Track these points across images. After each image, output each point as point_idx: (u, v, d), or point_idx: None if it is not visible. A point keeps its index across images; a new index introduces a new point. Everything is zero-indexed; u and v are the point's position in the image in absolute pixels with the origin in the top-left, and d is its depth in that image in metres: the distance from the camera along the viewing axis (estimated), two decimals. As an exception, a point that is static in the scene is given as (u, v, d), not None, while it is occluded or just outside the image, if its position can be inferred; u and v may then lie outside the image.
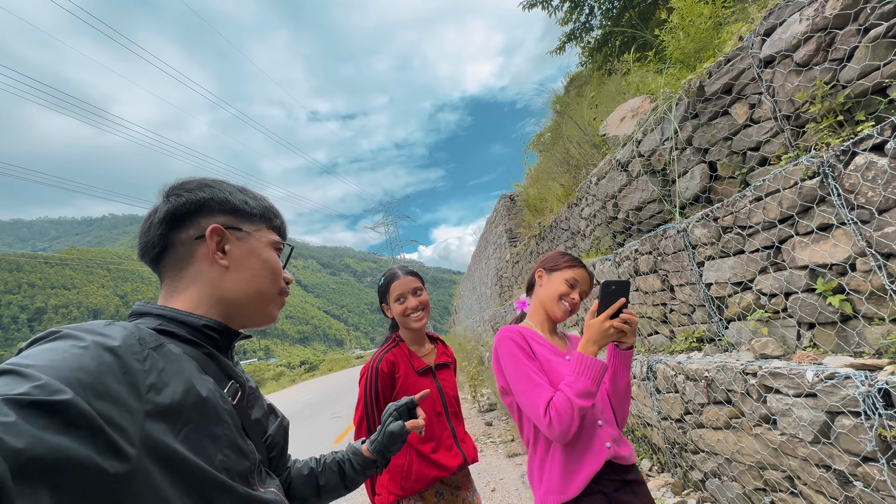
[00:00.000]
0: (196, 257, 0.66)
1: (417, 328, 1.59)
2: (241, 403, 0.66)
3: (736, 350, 2.52)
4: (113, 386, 0.45)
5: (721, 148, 2.75)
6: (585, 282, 1.34)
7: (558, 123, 8.11)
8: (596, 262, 4.16)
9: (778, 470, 2.07)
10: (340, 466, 0.90)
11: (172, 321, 0.62)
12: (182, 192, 0.68)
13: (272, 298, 0.73)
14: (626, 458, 1.19)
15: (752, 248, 2.33)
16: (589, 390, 1.12)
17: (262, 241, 0.72)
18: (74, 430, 0.39)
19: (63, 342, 0.46)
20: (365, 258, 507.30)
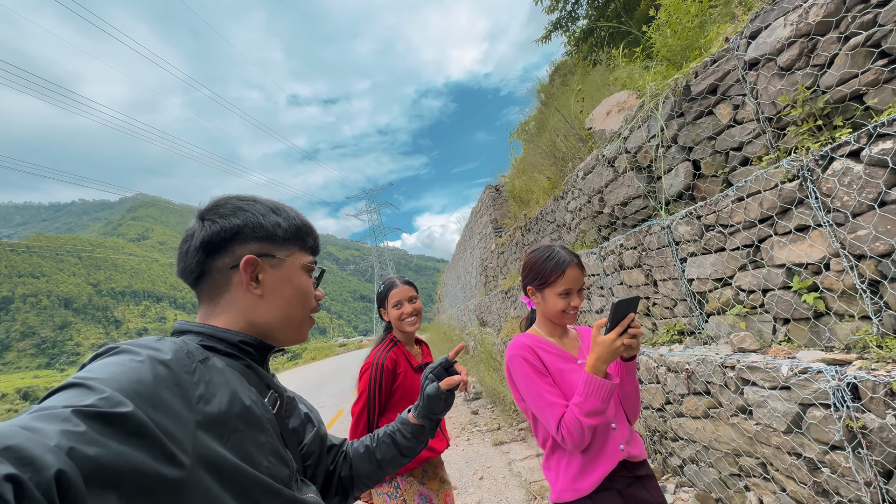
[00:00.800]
0: (232, 284, 0.69)
1: (411, 331, 1.81)
2: (279, 413, 0.69)
3: (715, 343, 2.64)
4: (167, 397, 0.49)
5: (705, 147, 2.82)
6: (578, 279, 1.29)
7: (543, 113, 8.13)
8: (581, 255, 4.24)
9: (752, 457, 2.19)
10: (393, 438, 0.93)
11: (211, 338, 0.65)
12: (216, 217, 0.69)
13: (303, 322, 0.76)
14: (638, 455, 1.25)
15: (733, 245, 2.42)
16: (598, 409, 1.14)
17: (295, 267, 0.74)
18: (136, 439, 0.42)
19: (122, 357, 0.50)
20: (347, 246, 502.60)
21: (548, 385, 1.24)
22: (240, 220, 0.70)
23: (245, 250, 0.69)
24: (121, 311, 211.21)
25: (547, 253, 1.34)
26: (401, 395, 1.71)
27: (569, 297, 1.31)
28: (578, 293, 1.32)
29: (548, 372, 1.29)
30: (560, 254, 1.32)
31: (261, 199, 0.75)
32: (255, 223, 0.71)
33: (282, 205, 0.76)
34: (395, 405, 1.71)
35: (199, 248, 0.68)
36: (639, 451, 1.26)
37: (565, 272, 1.29)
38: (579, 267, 1.31)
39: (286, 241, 0.74)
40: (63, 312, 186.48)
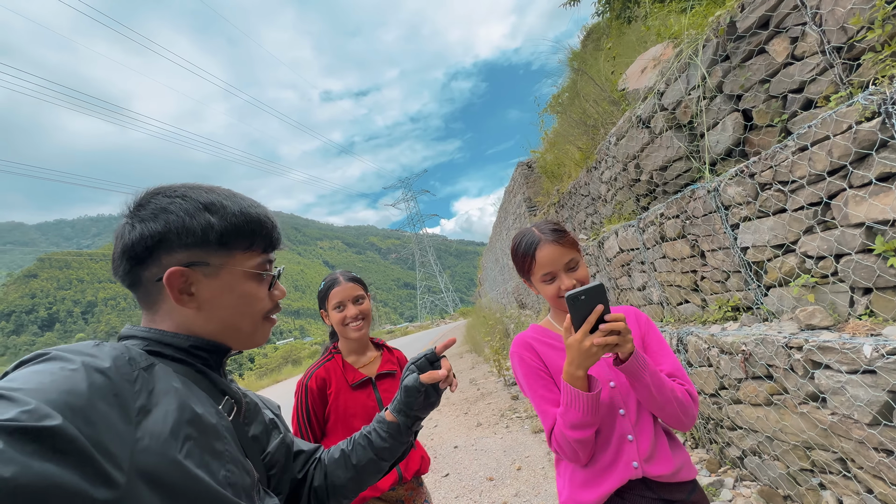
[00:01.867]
0: (164, 296, 0.61)
1: (356, 338, 1.50)
2: (237, 420, 0.64)
3: (777, 319, 2.28)
4: (103, 409, 0.44)
5: (757, 93, 2.41)
6: (555, 257, 1.08)
7: (575, 82, 7.60)
8: (619, 228, 3.90)
9: (828, 451, 1.87)
10: (368, 438, 0.84)
11: (158, 343, 0.60)
12: (136, 221, 0.61)
13: (255, 329, 0.68)
14: (665, 476, 1.01)
15: (796, 205, 2.05)
16: (582, 422, 0.95)
17: (236, 274, 0.64)
18: (63, 457, 0.38)
19: (52, 364, 0.45)
20: (388, 235, 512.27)
21: (545, 388, 1.07)
22: (160, 226, 0.60)
23: (171, 260, 0.60)
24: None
25: (518, 239, 1.15)
26: (335, 420, 1.42)
27: (555, 280, 1.09)
28: (568, 272, 1.08)
29: (548, 371, 1.10)
30: (529, 235, 1.12)
31: (192, 194, 0.63)
32: (180, 227, 0.60)
33: (219, 199, 0.64)
34: (332, 432, 1.42)
35: (123, 257, 0.61)
36: (668, 471, 1.00)
37: (535, 255, 1.09)
38: (556, 243, 1.08)
39: (223, 245, 0.63)
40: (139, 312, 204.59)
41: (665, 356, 1.09)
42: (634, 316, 1.16)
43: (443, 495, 3.30)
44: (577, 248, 1.11)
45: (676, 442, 1.08)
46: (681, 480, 1.02)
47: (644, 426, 1.04)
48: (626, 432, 1.03)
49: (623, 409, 1.05)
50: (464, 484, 3.42)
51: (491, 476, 3.43)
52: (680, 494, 1.01)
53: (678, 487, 1.02)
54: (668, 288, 3.32)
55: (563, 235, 1.10)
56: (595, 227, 5.19)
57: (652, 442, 1.02)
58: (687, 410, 0.99)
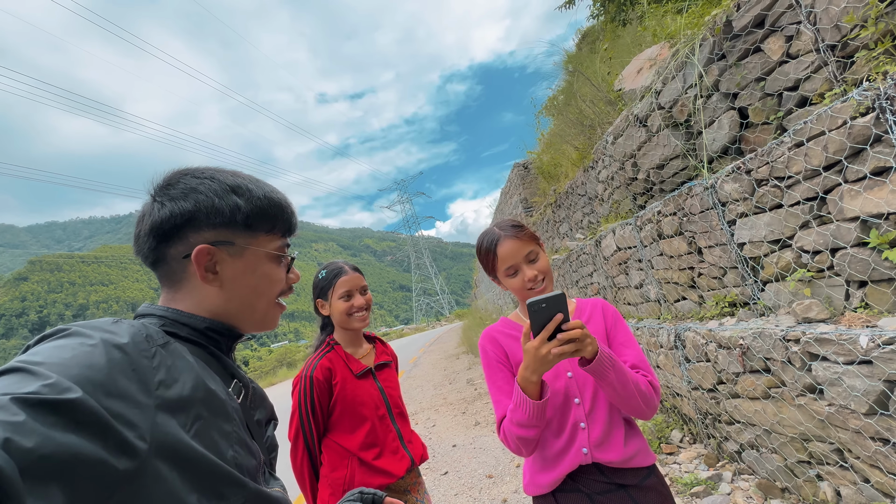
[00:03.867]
0: (189, 273, 0.63)
1: (360, 328, 1.49)
2: (245, 403, 0.65)
3: (774, 314, 2.31)
4: (123, 383, 0.45)
5: (753, 91, 2.45)
6: (515, 251, 1.11)
7: (571, 84, 7.65)
8: (616, 227, 3.93)
9: (825, 442, 1.90)
10: None
11: (175, 322, 0.61)
12: (166, 199, 0.62)
13: (268, 311, 0.70)
14: (616, 462, 1.03)
15: (792, 200, 2.08)
16: (527, 423, 0.98)
17: (258, 255, 0.67)
18: (84, 428, 0.39)
19: (72, 339, 0.46)
20: (384, 237, 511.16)
21: (503, 379, 1.12)
22: (191, 205, 0.62)
23: (199, 238, 0.62)
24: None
25: (481, 239, 1.19)
26: (342, 410, 1.40)
27: (518, 273, 1.12)
28: (529, 264, 1.11)
29: (509, 363, 1.14)
30: (490, 234, 1.16)
31: (220, 176, 0.65)
32: (210, 207, 0.62)
33: (245, 182, 0.67)
34: (338, 423, 1.40)
35: (150, 235, 0.62)
36: (617, 458, 1.03)
37: (496, 251, 1.12)
38: (514, 237, 1.11)
39: (248, 226, 0.65)
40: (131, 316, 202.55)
41: (629, 347, 1.12)
42: (601, 309, 1.18)
43: (442, 493, 3.30)
44: (537, 241, 1.15)
45: (634, 430, 1.10)
46: (634, 466, 1.05)
47: (598, 415, 1.06)
48: (580, 420, 1.06)
49: (578, 398, 1.08)
50: (463, 482, 3.42)
51: (490, 474, 3.43)
52: (633, 479, 1.04)
53: (631, 473, 1.04)
54: (665, 285, 3.35)
55: (521, 230, 1.13)
56: (592, 226, 5.23)
57: (605, 430, 1.05)
58: (649, 402, 1.02)
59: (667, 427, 3.27)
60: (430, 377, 9.24)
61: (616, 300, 4.34)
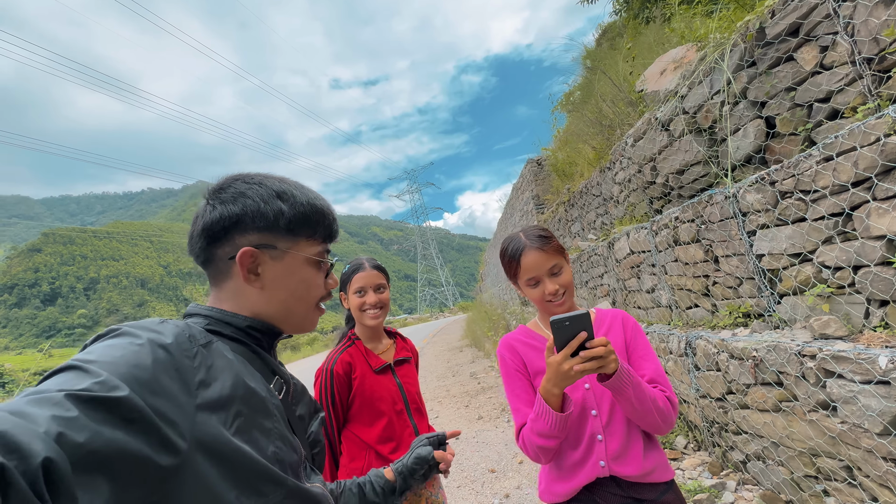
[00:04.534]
0: (233, 274, 0.67)
1: (373, 325, 1.51)
2: (286, 399, 0.67)
3: (789, 328, 2.30)
4: (166, 382, 0.47)
5: (782, 100, 2.41)
6: (539, 263, 1.11)
7: (589, 80, 7.55)
8: (630, 230, 3.90)
9: (835, 459, 1.90)
10: (361, 488, 0.86)
11: (219, 322, 0.64)
12: (217, 203, 0.66)
13: (307, 314, 0.73)
14: (634, 476, 1.03)
15: (817, 215, 2.06)
16: (548, 434, 1.00)
17: (298, 259, 0.70)
18: (130, 425, 0.41)
19: (122, 339, 0.49)
20: (391, 226, 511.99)
21: (521, 388, 1.14)
22: (238, 209, 0.66)
23: (244, 241, 0.66)
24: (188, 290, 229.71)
25: (506, 244, 1.19)
26: (360, 404, 1.43)
27: (539, 284, 1.12)
28: (551, 277, 1.11)
29: (527, 372, 1.15)
30: (515, 242, 1.16)
31: (268, 182, 0.69)
32: (255, 211, 0.66)
33: (290, 188, 0.70)
34: (356, 416, 1.43)
35: (201, 235, 0.66)
36: (636, 472, 1.03)
37: (520, 261, 1.13)
38: (540, 249, 1.11)
39: (290, 231, 0.69)
40: (140, 292, 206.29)
41: (648, 361, 1.11)
42: (622, 320, 1.18)
43: (444, 485, 3.36)
44: (562, 254, 1.15)
45: (653, 444, 1.09)
46: (652, 481, 1.04)
47: (616, 427, 1.06)
48: (597, 432, 1.07)
49: (595, 410, 1.08)
50: (465, 475, 3.47)
51: (493, 468, 3.48)
52: (651, 494, 1.04)
53: (649, 488, 1.04)
54: (678, 291, 3.34)
55: (547, 242, 1.12)
56: (605, 227, 5.20)
57: (623, 443, 1.05)
58: (666, 417, 1.02)
59: (671, 433, 3.28)
60: (434, 368, 9.32)
61: (626, 303, 4.33)
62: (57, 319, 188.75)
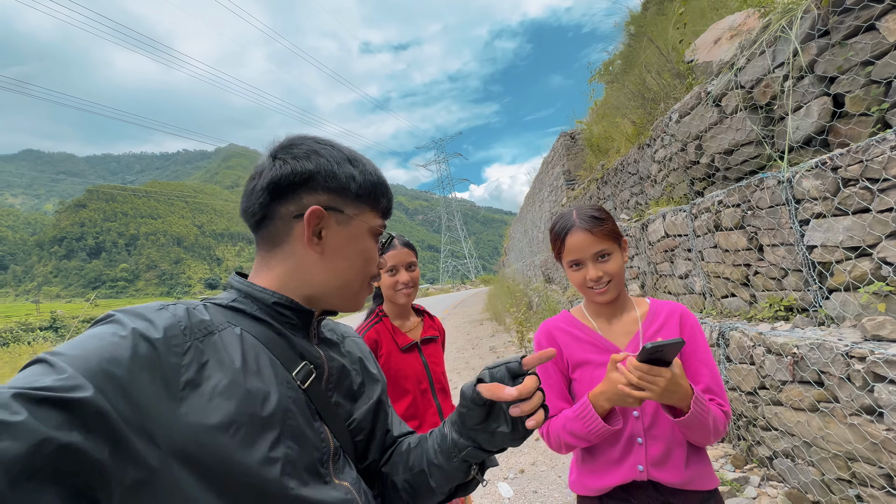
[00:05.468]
0: (292, 236, 0.62)
1: (404, 304, 1.50)
2: (316, 386, 0.62)
3: (836, 325, 2.16)
4: (144, 382, 0.43)
5: (856, 76, 2.16)
6: (584, 245, 1.02)
7: (632, 48, 7.08)
8: (667, 212, 3.72)
9: (874, 465, 1.81)
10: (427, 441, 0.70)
11: (248, 297, 0.61)
12: (288, 158, 0.62)
13: (360, 290, 0.68)
14: (675, 483, 0.97)
15: (883, 206, 1.87)
16: (583, 437, 0.97)
17: (362, 228, 0.66)
18: (91, 429, 0.38)
19: (106, 328, 0.46)
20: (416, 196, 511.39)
21: (554, 379, 1.09)
22: (313, 166, 0.62)
23: (312, 200, 0.62)
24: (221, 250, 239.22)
25: (556, 219, 1.11)
26: None
27: (581, 268, 1.05)
28: (596, 262, 1.03)
29: (563, 363, 1.10)
30: (565, 219, 1.07)
31: (339, 146, 0.66)
32: (329, 171, 0.63)
33: (360, 155, 0.68)
34: None
35: (266, 189, 0.61)
36: (677, 480, 0.97)
37: (565, 239, 1.05)
38: (588, 231, 1.02)
39: (358, 197, 0.65)
40: (176, 250, 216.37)
41: (706, 367, 1.02)
42: (679, 317, 1.07)
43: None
44: (616, 240, 1.05)
45: (698, 451, 1.02)
46: (694, 489, 0.98)
47: (659, 432, 1.00)
48: (637, 434, 1.01)
49: (637, 411, 1.01)
50: (481, 446, 3.54)
51: (509, 443, 3.53)
52: (690, 502, 0.98)
53: (690, 495, 0.99)
54: (713, 279, 3.18)
55: (599, 224, 1.03)
56: (639, 207, 4.99)
57: (665, 449, 0.99)
58: (719, 432, 0.95)
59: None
60: (454, 340, 9.45)
61: (656, 288, 4.19)
62: (101, 272, 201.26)
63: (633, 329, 1.08)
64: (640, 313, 1.10)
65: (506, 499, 2.73)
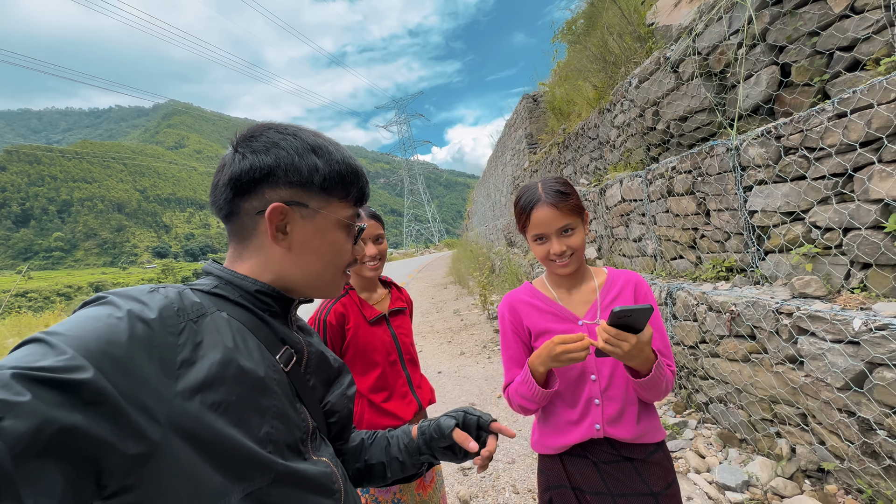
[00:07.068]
0: (259, 231, 0.62)
1: (371, 277, 1.48)
2: (296, 369, 0.65)
3: (769, 284, 2.36)
4: (142, 361, 0.44)
5: (802, 46, 2.25)
6: (549, 220, 1.04)
7: (595, 7, 6.97)
8: (624, 177, 3.83)
9: (792, 406, 2.04)
10: (388, 441, 0.82)
11: (229, 284, 0.61)
12: (248, 151, 0.61)
13: (334, 280, 0.69)
14: (627, 438, 1.06)
15: (818, 174, 2.01)
16: (531, 399, 1.05)
17: (330, 220, 0.65)
18: (92, 409, 0.39)
19: (101, 310, 0.46)
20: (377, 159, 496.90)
21: (515, 349, 1.15)
22: (272, 160, 0.61)
23: (275, 195, 0.61)
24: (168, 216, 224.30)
25: (521, 192, 1.12)
26: (353, 354, 1.40)
27: (545, 241, 1.07)
28: (560, 237, 1.06)
29: (525, 332, 1.15)
30: (530, 192, 1.09)
31: (302, 134, 0.64)
32: (290, 165, 0.61)
33: (326, 144, 0.65)
34: (349, 365, 1.40)
35: (228, 185, 0.61)
36: (629, 435, 1.06)
37: (530, 214, 1.07)
38: (553, 206, 1.04)
39: (324, 189, 0.64)
40: (117, 216, 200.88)
41: (656, 332, 1.08)
42: (634, 285, 1.13)
43: (426, 415, 3.57)
44: (579, 214, 1.07)
45: (648, 408, 1.11)
46: (644, 443, 1.08)
47: (614, 393, 1.07)
48: (594, 396, 1.07)
49: (595, 375, 1.08)
50: (447, 407, 3.68)
51: (473, 402, 3.69)
52: (641, 454, 1.08)
53: (640, 448, 1.08)
54: (664, 242, 3.36)
55: (564, 199, 1.05)
56: (598, 172, 5.10)
57: (619, 408, 1.06)
58: (668, 391, 1.04)
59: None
60: (418, 304, 9.57)
61: (612, 251, 4.38)
62: (32, 242, 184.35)
63: (592, 298, 1.12)
64: (599, 283, 1.14)
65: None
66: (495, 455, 2.80)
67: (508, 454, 2.81)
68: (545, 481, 1.14)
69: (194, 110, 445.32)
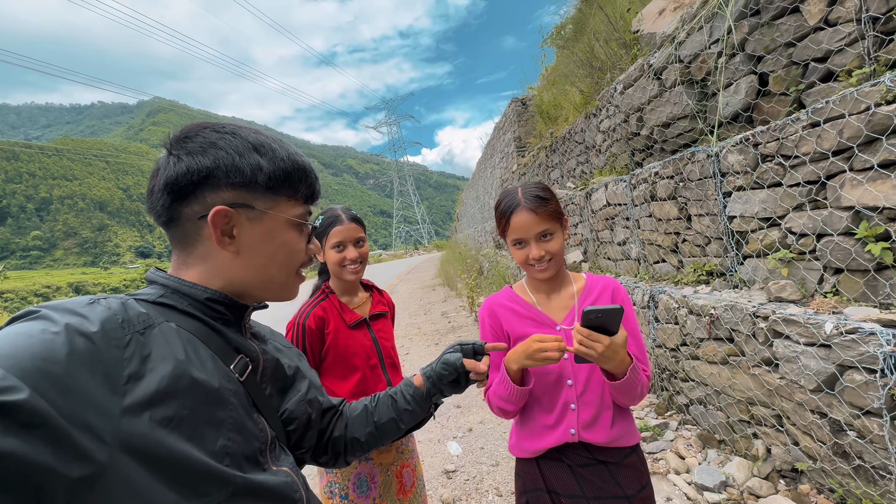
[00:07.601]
0: (203, 237, 0.59)
1: (352, 280, 1.45)
2: (251, 379, 0.62)
3: (747, 288, 2.41)
4: (83, 378, 0.42)
5: (779, 56, 2.31)
6: (528, 225, 1.05)
7: (583, 13, 7.06)
8: (609, 181, 3.88)
9: (768, 408, 2.09)
10: (393, 399, 0.85)
11: (176, 292, 0.58)
12: (183, 153, 0.57)
13: (287, 282, 0.67)
14: (602, 442, 1.07)
15: (793, 181, 2.06)
16: (508, 399, 1.06)
17: (279, 221, 0.63)
18: (30, 432, 0.36)
19: (35, 324, 0.43)
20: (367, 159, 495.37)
21: (495, 353, 1.14)
22: (210, 161, 0.57)
23: (217, 199, 0.58)
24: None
25: (502, 197, 1.13)
26: (333, 358, 1.38)
27: (524, 246, 1.08)
28: (538, 242, 1.06)
29: (505, 336, 1.15)
30: (510, 197, 1.10)
31: (242, 132, 0.61)
32: (230, 165, 0.58)
33: (269, 141, 0.62)
34: (329, 369, 1.39)
35: (164, 190, 0.57)
36: (603, 440, 1.07)
37: (510, 218, 1.08)
38: (532, 211, 1.05)
39: (270, 188, 0.61)
40: (99, 215, 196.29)
41: (633, 338, 1.09)
42: (612, 291, 1.14)
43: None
44: (558, 220, 1.08)
45: (623, 412, 1.12)
46: (618, 446, 1.09)
47: (589, 398, 1.08)
48: (570, 401, 1.08)
49: (571, 380, 1.09)
50: (432, 408, 3.67)
51: (458, 404, 3.69)
52: (615, 457, 1.09)
53: (614, 451, 1.09)
54: (648, 246, 3.41)
55: (543, 204, 1.06)
56: (585, 176, 5.16)
57: (595, 413, 1.07)
58: (642, 396, 1.05)
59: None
60: (406, 306, 9.54)
61: (597, 254, 4.43)
62: (9, 241, 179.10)
63: (570, 304, 1.13)
64: (577, 288, 1.15)
65: (454, 456, 2.89)
66: (479, 458, 2.82)
67: (492, 457, 2.82)
68: (522, 485, 1.15)
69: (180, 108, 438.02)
